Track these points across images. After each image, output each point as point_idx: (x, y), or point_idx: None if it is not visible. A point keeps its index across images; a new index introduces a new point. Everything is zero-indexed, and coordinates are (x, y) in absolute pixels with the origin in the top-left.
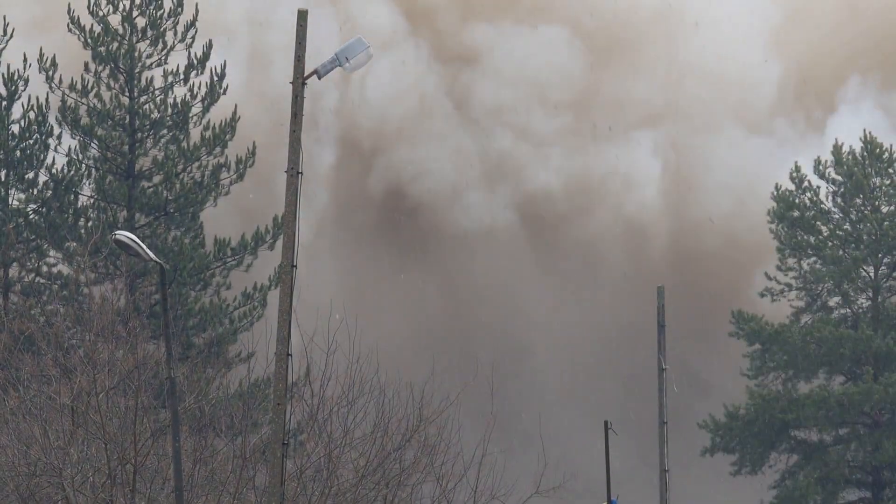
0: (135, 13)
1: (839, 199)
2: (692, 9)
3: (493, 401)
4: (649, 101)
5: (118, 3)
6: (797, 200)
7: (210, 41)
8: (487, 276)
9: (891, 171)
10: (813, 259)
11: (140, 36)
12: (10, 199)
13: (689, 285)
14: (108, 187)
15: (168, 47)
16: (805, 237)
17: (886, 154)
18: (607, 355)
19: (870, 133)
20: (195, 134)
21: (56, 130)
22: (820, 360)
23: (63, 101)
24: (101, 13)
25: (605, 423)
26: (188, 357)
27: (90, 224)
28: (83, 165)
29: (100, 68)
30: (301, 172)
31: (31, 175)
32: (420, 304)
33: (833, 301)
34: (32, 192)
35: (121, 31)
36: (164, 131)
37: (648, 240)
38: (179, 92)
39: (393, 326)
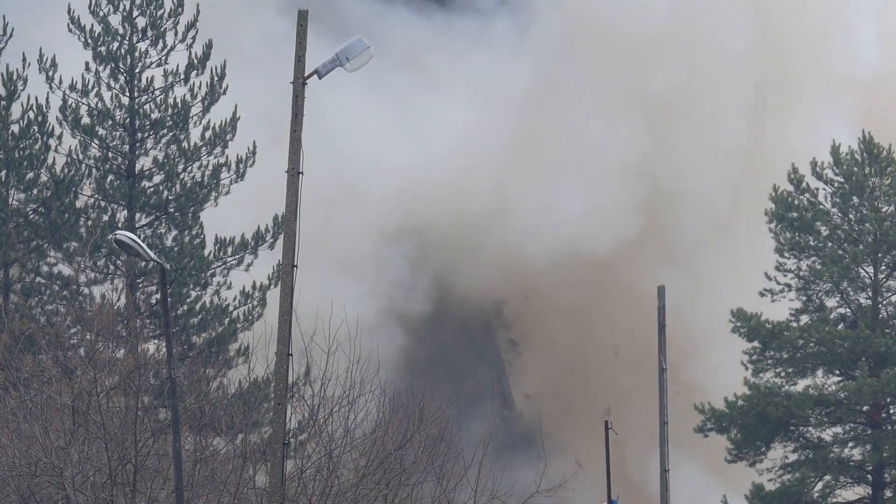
0: (135, 13)
1: (838, 200)
2: None
3: (492, 401)
4: None
5: (118, 3)
6: (796, 201)
7: (210, 41)
8: None
9: (890, 170)
10: (812, 259)
11: (140, 36)
12: (10, 199)
13: None
14: (109, 187)
15: (168, 47)
16: (804, 237)
17: (885, 154)
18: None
19: (868, 133)
20: (195, 134)
21: (56, 130)
22: (818, 359)
23: (63, 101)
24: (101, 13)
25: (605, 423)
26: (188, 357)
27: (90, 224)
28: (83, 165)
29: (100, 68)
30: (301, 172)
31: (31, 175)
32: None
33: (832, 301)
34: (32, 192)
35: (121, 30)
36: (165, 131)
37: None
38: (180, 92)
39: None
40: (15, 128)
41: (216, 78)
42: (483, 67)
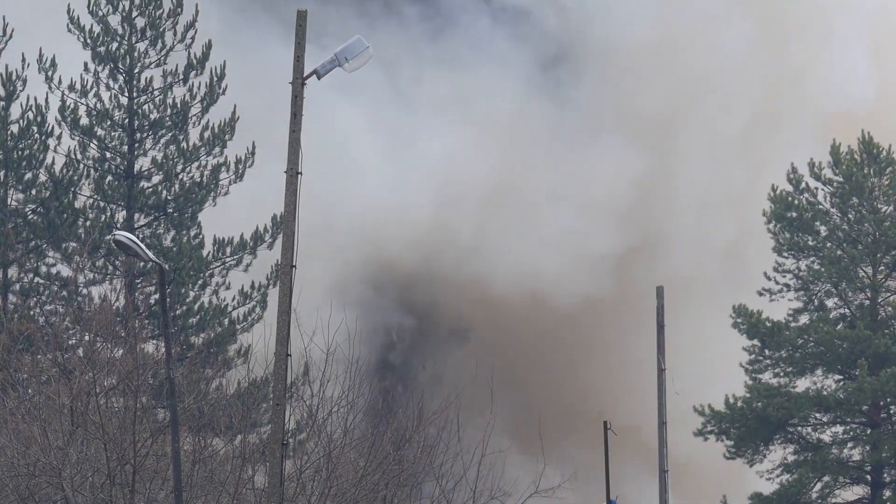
0: (134, 13)
1: (837, 200)
2: None
3: (492, 401)
4: None
5: (118, 3)
6: (795, 201)
7: (209, 41)
8: None
9: (889, 171)
10: (811, 259)
11: (140, 36)
12: (9, 200)
13: None
14: (108, 187)
15: (168, 47)
16: (803, 237)
17: (884, 154)
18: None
19: (868, 133)
20: (194, 134)
21: (55, 131)
22: (817, 359)
23: (62, 101)
24: (100, 13)
25: (605, 423)
26: (187, 357)
27: (89, 224)
28: (82, 166)
29: (99, 68)
30: (300, 172)
31: (29, 175)
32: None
33: (831, 301)
34: (31, 193)
35: (120, 31)
36: (164, 131)
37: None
38: (179, 92)
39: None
40: (14, 128)
41: (215, 78)
42: (470, 89)
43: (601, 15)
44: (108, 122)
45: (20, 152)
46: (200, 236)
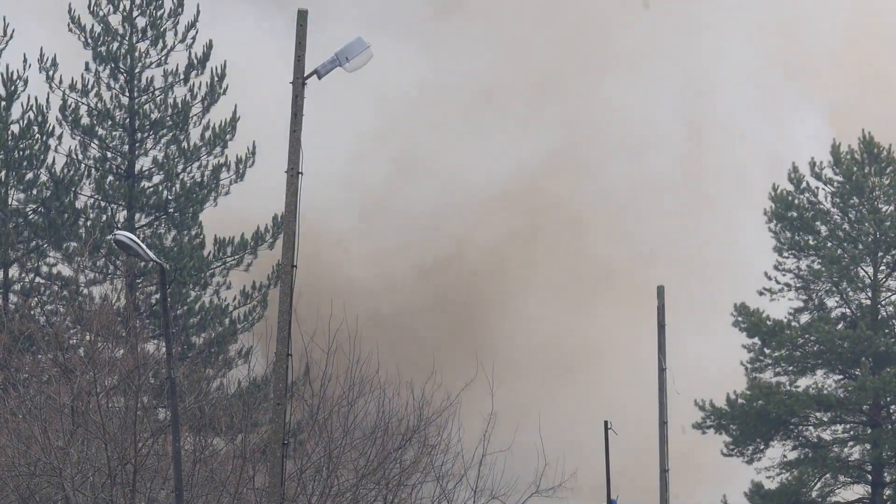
0: (135, 13)
1: (838, 199)
2: None
3: (492, 400)
4: None
5: (118, 3)
6: (795, 201)
7: (210, 41)
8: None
9: (889, 170)
10: (812, 259)
11: (140, 36)
12: (10, 199)
13: None
14: (108, 187)
15: (168, 47)
16: (803, 237)
17: (885, 153)
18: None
19: (869, 133)
20: (195, 134)
21: (56, 130)
22: (818, 358)
23: (63, 101)
24: (101, 13)
25: (605, 423)
26: (188, 357)
27: (90, 224)
28: (83, 165)
29: (100, 68)
30: (301, 172)
31: (30, 175)
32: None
33: (832, 301)
34: (32, 192)
35: (121, 30)
36: (164, 131)
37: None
38: (179, 92)
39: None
40: (15, 128)
41: (216, 78)
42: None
43: None
44: (109, 122)
45: (21, 152)
46: (201, 236)
